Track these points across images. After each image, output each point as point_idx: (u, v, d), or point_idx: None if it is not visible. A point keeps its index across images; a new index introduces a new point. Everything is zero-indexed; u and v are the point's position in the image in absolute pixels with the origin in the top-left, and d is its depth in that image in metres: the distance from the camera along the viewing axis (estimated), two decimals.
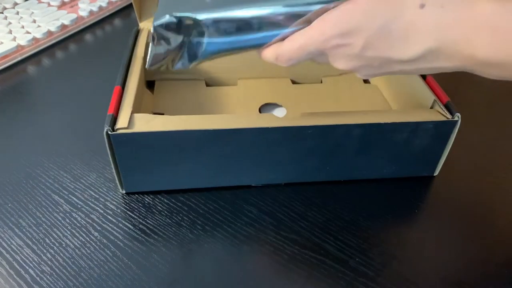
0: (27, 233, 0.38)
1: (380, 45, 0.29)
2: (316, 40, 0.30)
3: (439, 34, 0.27)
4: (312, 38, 0.30)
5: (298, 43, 0.31)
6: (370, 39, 0.29)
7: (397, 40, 0.28)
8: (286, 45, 0.31)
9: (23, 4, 0.69)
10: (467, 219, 0.40)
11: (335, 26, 0.29)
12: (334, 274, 0.35)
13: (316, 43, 0.30)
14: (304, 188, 0.43)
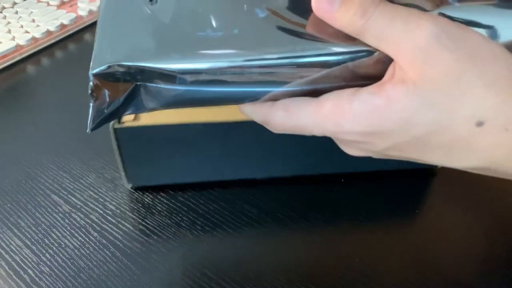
0: (26, 234, 0.38)
1: (409, 151, 0.23)
2: (327, 127, 0.23)
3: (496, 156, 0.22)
4: (322, 122, 0.23)
5: (300, 122, 0.24)
6: (401, 144, 0.23)
7: (436, 151, 0.23)
8: (281, 116, 0.24)
9: (22, 3, 0.68)
10: (468, 218, 0.40)
11: (358, 122, 0.22)
12: (335, 275, 0.35)
13: (325, 129, 0.23)
14: (304, 188, 0.42)
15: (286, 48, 0.22)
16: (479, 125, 0.21)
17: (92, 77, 0.25)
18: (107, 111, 0.27)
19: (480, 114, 0.20)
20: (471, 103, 0.20)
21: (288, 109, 0.24)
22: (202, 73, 0.23)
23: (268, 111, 0.24)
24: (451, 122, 0.21)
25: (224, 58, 0.23)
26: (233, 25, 0.23)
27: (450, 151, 0.22)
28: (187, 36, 0.23)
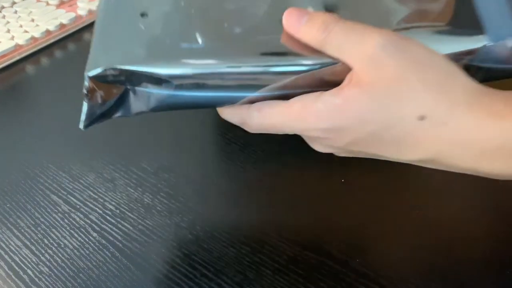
0: (26, 234, 0.38)
1: (368, 146, 0.26)
2: (295, 125, 0.27)
3: (439, 148, 0.25)
4: (291, 121, 0.26)
5: (273, 120, 0.27)
6: (358, 140, 0.26)
7: (389, 145, 0.26)
8: (256, 116, 0.27)
9: (21, 3, 0.68)
10: (468, 217, 0.40)
11: (321, 120, 0.25)
12: (335, 275, 0.35)
13: (294, 128, 0.27)
14: (304, 188, 0.42)
15: (261, 59, 0.26)
16: (421, 119, 0.24)
17: (88, 78, 0.28)
18: (99, 111, 0.29)
19: (421, 111, 0.24)
20: (413, 102, 0.24)
21: (262, 110, 0.27)
22: (186, 78, 0.26)
23: (245, 112, 0.27)
24: (398, 118, 0.24)
25: (206, 65, 0.26)
26: (214, 38, 0.27)
27: (400, 145, 0.25)
28: (173, 46, 0.27)
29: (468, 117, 0.24)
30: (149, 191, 0.42)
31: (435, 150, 0.25)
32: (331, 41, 0.25)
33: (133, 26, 0.28)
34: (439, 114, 0.24)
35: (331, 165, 0.44)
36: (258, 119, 0.27)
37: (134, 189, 0.42)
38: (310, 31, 0.26)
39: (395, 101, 0.24)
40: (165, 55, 0.27)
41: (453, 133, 0.24)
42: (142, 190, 0.42)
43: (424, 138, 0.25)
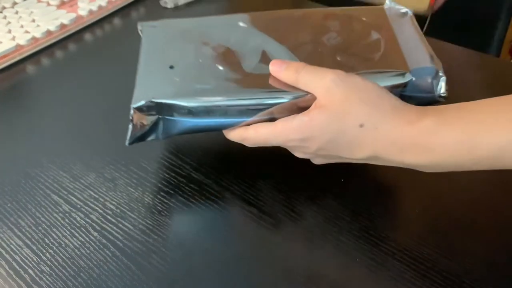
0: (27, 233, 0.38)
1: (331, 149, 0.36)
2: (279, 138, 0.37)
3: (375, 148, 0.35)
4: (276, 136, 0.37)
5: (264, 136, 0.38)
6: (323, 145, 0.36)
7: (344, 148, 0.36)
8: (252, 133, 0.38)
9: (22, 3, 0.68)
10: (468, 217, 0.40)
11: (295, 133, 0.36)
12: (333, 274, 0.35)
13: (279, 141, 0.38)
14: (304, 188, 0.43)
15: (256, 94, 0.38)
16: (361, 126, 0.34)
17: (132, 109, 0.38)
18: (138, 134, 0.39)
19: (360, 120, 0.34)
20: (354, 114, 0.35)
21: (256, 130, 0.38)
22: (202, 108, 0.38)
23: (244, 132, 0.39)
24: (346, 127, 0.35)
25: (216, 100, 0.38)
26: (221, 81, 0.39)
27: (351, 147, 0.35)
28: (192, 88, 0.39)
29: (391, 124, 0.34)
30: (150, 190, 0.42)
31: (373, 149, 0.35)
32: (301, 80, 0.37)
33: (165, 75, 0.40)
34: (372, 121, 0.34)
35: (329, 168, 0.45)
36: (253, 136, 0.38)
37: (135, 188, 0.42)
38: (287, 74, 0.38)
39: (343, 115, 0.35)
40: (187, 93, 0.39)
41: (383, 135, 0.34)
42: (143, 190, 0.42)
43: (365, 140, 0.35)
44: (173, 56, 0.41)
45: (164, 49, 0.42)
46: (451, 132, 0.33)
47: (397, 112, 0.34)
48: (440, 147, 0.33)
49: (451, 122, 0.33)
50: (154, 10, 0.71)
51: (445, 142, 0.33)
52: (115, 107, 0.52)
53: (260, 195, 0.42)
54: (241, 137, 0.39)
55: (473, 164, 0.33)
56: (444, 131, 0.33)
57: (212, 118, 0.39)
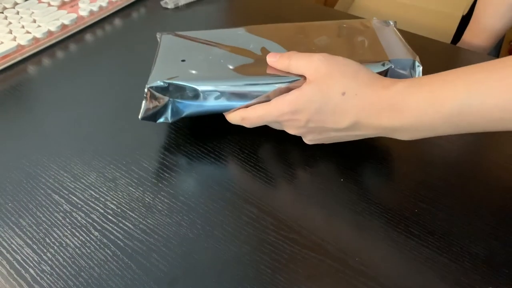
0: (28, 233, 0.38)
1: (318, 120, 0.40)
2: (273, 114, 0.42)
3: (356, 112, 0.39)
4: (271, 112, 0.42)
5: (260, 113, 0.43)
6: (311, 116, 0.40)
7: (329, 116, 0.40)
8: (251, 112, 0.43)
9: (23, 4, 0.69)
10: (468, 217, 0.40)
11: (288, 106, 0.41)
12: (334, 274, 0.36)
13: (273, 116, 0.42)
14: (304, 188, 0.43)
15: (256, 80, 0.44)
16: (343, 94, 0.39)
17: (147, 88, 0.44)
18: (150, 112, 0.45)
19: (342, 89, 0.39)
20: (337, 84, 0.39)
21: (254, 109, 0.43)
22: (210, 91, 0.44)
23: (243, 112, 0.44)
24: (330, 96, 0.39)
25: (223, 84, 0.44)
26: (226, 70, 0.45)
27: (336, 115, 0.40)
28: (201, 74, 0.45)
29: (369, 90, 0.39)
30: (150, 190, 0.42)
31: (354, 114, 0.39)
32: (293, 64, 0.42)
33: (177, 65, 0.46)
34: (352, 89, 0.39)
35: (329, 165, 0.45)
36: (251, 113, 0.43)
37: (135, 188, 0.42)
38: (281, 62, 0.43)
39: (326, 87, 0.39)
40: (196, 78, 0.44)
41: (362, 100, 0.39)
42: (143, 190, 0.42)
43: (346, 106, 0.39)
44: (185, 53, 0.48)
45: (177, 49, 0.49)
46: (420, 93, 0.37)
47: (373, 80, 0.39)
48: (411, 107, 0.37)
49: (421, 84, 0.37)
50: (154, 10, 0.71)
51: (415, 102, 0.37)
52: (116, 107, 0.52)
53: (261, 195, 0.42)
54: (240, 117, 0.44)
55: (443, 122, 0.36)
56: (414, 92, 0.37)
57: (216, 101, 0.44)
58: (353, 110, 0.39)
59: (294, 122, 0.42)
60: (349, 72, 0.40)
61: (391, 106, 0.37)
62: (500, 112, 0.34)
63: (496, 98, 0.33)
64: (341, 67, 0.40)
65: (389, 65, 0.45)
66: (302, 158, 0.45)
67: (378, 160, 0.45)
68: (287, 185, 0.43)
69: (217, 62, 0.46)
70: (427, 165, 0.44)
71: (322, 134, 0.42)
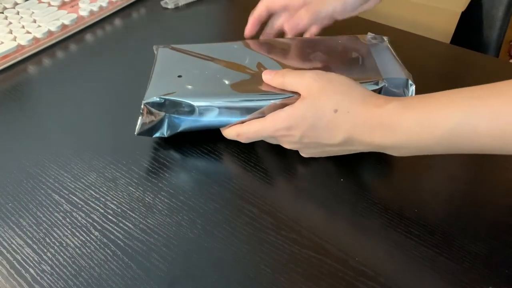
0: (28, 233, 0.38)
1: (312, 135, 0.41)
2: (268, 129, 0.43)
3: (348, 129, 0.39)
4: (266, 127, 0.43)
5: (255, 129, 0.43)
6: (304, 132, 0.41)
7: (323, 132, 0.40)
8: (246, 128, 0.44)
9: (24, 4, 0.69)
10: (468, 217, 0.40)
11: (282, 122, 0.41)
12: (334, 274, 0.36)
13: (268, 132, 0.43)
14: (304, 188, 0.43)
15: (251, 96, 0.44)
16: (335, 111, 0.39)
17: (144, 104, 0.44)
18: (146, 127, 0.45)
19: (334, 106, 0.39)
20: (329, 102, 0.40)
21: (249, 124, 0.44)
22: (205, 107, 0.44)
23: (239, 128, 0.44)
24: (322, 112, 0.40)
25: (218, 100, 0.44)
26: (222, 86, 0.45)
27: (329, 131, 0.40)
28: (197, 90, 0.45)
29: (361, 107, 0.39)
30: (150, 190, 0.42)
31: (347, 130, 0.39)
32: (287, 81, 0.43)
33: (174, 81, 0.46)
34: (344, 106, 0.39)
35: (329, 165, 0.45)
36: (246, 129, 0.44)
37: (135, 188, 0.42)
38: (276, 79, 0.44)
39: (319, 103, 0.40)
40: (192, 94, 0.45)
41: (354, 117, 0.39)
42: (143, 190, 0.42)
43: (339, 123, 0.39)
44: (181, 68, 0.48)
45: (174, 63, 0.49)
46: (412, 113, 0.37)
47: (366, 98, 0.40)
48: (403, 127, 0.37)
49: (413, 104, 0.37)
50: (154, 10, 0.71)
51: (407, 123, 0.37)
52: (116, 107, 0.52)
53: (261, 195, 0.42)
54: (236, 133, 0.44)
55: (435, 144, 0.36)
56: (407, 113, 0.37)
57: (211, 117, 0.44)
58: (346, 126, 0.39)
59: (288, 137, 0.42)
60: (342, 89, 0.40)
61: (383, 125, 0.38)
62: (491, 140, 0.34)
63: (488, 126, 0.34)
64: (333, 84, 0.41)
65: (382, 83, 0.45)
66: (302, 159, 0.45)
67: (378, 160, 0.45)
68: (287, 185, 0.43)
69: (214, 77, 0.46)
70: (427, 165, 0.45)
71: (317, 149, 0.43)
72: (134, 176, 0.43)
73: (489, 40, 0.85)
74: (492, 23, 0.84)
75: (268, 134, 0.43)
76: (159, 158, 0.45)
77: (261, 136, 0.44)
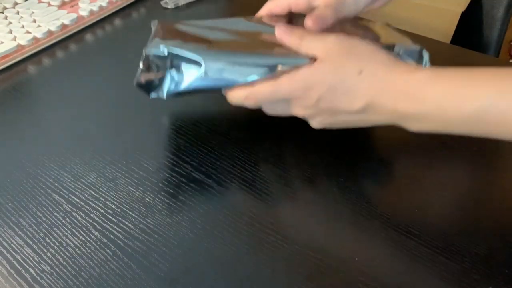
0: (28, 233, 0.38)
1: (330, 99, 0.38)
2: (283, 90, 0.40)
3: (372, 94, 0.37)
4: (281, 87, 0.40)
5: (268, 89, 0.40)
6: (323, 94, 0.38)
7: (342, 96, 0.38)
8: (258, 88, 0.40)
9: (23, 4, 0.69)
10: (468, 217, 0.40)
11: (299, 82, 0.39)
12: (334, 274, 0.36)
13: (283, 93, 0.40)
14: (304, 188, 0.43)
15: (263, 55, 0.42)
16: (360, 73, 0.37)
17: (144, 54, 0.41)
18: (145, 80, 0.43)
19: (359, 67, 0.37)
20: (354, 64, 0.38)
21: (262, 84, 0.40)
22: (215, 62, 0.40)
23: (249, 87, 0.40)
24: (345, 75, 0.38)
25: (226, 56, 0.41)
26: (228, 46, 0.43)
27: (349, 95, 0.38)
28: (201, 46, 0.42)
29: (388, 71, 0.37)
30: (150, 190, 0.42)
31: (370, 94, 0.37)
32: (304, 44, 0.40)
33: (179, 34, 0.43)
34: (370, 68, 0.37)
35: (329, 165, 0.45)
36: (259, 89, 0.40)
37: (135, 188, 0.42)
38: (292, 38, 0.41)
39: (343, 65, 0.38)
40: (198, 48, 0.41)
41: (379, 80, 0.37)
42: (143, 189, 0.42)
43: (362, 86, 0.37)
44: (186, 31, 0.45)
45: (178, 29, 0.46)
46: (441, 85, 0.35)
47: (394, 63, 0.38)
48: (429, 98, 0.35)
49: (444, 75, 0.36)
50: (154, 10, 0.71)
51: (435, 93, 0.35)
52: (116, 107, 0.52)
53: (261, 195, 0.42)
54: (244, 95, 0.41)
55: (459, 122, 0.35)
56: (436, 83, 0.35)
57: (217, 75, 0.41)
58: (369, 90, 0.37)
59: (304, 100, 0.39)
60: (367, 53, 0.38)
61: (409, 92, 0.36)
62: None
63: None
64: (357, 48, 0.39)
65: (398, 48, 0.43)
66: (302, 159, 0.45)
67: (378, 160, 0.45)
68: (287, 185, 0.43)
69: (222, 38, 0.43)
70: (427, 165, 0.44)
71: (332, 117, 0.40)
72: (134, 176, 0.43)
73: (489, 40, 0.85)
74: (492, 23, 0.84)
75: (282, 96, 0.40)
76: (159, 158, 0.45)
77: (274, 97, 0.41)
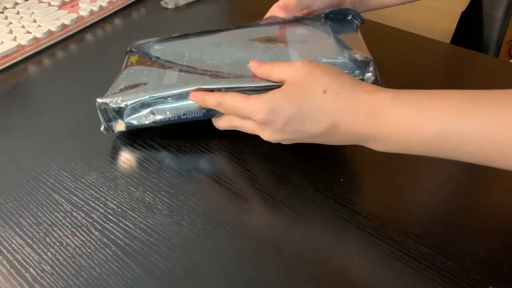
0: (28, 232, 0.38)
1: (296, 122, 0.39)
2: (248, 107, 0.40)
3: (335, 113, 0.38)
4: (247, 105, 0.40)
5: (237, 103, 0.41)
6: (289, 118, 0.39)
7: (308, 117, 0.38)
8: (228, 99, 0.42)
9: (24, 4, 0.69)
10: (468, 217, 0.40)
11: (265, 104, 0.39)
12: (334, 274, 0.36)
13: (248, 110, 0.40)
14: (303, 187, 0.43)
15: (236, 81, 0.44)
16: (324, 92, 0.38)
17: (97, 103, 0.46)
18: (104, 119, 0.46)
19: (323, 87, 0.38)
20: (319, 83, 0.39)
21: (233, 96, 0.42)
22: None
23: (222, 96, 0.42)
24: (311, 95, 0.38)
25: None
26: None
27: (314, 115, 0.38)
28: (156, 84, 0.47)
29: (351, 91, 0.38)
30: (150, 190, 0.42)
31: (333, 114, 0.38)
32: (274, 70, 0.42)
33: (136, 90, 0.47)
34: (334, 87, 0.38)
35: (329, 165, 0.45)
36: (229, 101, 0.42)
37: (136, 188, 0.42)
38: (263, 70, 0.43)
39: (308, 85, 0.39)
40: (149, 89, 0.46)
41: (343, 99, 0.38)
42: (144, 189, 0.42)
43: (327, 105, 0.38)
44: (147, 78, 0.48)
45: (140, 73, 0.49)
46: (402, 107, 0.36)
47: (356, 84, 0.39)
48: (390, 119, 0.36)
49: (405, 98, 0.36)
50: (154, 10, 0.71)
51: (396, 115, 0.36)
52: None
53: (261, 195, 0.42)
54: (217, 101, 0.43)
55: (419, 144, 0.35)
56: (397, 105, 0.36)
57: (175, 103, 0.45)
58: (333, 109, 0.38)
59: (270, 124, 0.40)
60: (332, 73, 0.39)
61: (371, 112, 0.36)
62: (479, 150, 0.33)
63: (480, 136, 0.33)
64: (323, 68, 0.40)
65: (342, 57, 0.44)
66: (302, 158, 0.45)
67: (378, 160, 0.45)
68: (287, 185, 0.43)
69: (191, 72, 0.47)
70: (427, 165, 0.45)
71: (300, 141, 0.41)
72: (134, 176, 0.43)
73: (489, 40, 0.85)
74: (492, 23, 0.84)
75: (247, 113, 0.41)
76: (159, 158, 0.45)
77: (239, 112, 0.42)
